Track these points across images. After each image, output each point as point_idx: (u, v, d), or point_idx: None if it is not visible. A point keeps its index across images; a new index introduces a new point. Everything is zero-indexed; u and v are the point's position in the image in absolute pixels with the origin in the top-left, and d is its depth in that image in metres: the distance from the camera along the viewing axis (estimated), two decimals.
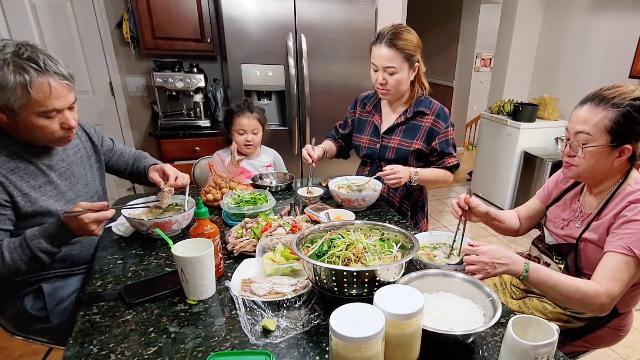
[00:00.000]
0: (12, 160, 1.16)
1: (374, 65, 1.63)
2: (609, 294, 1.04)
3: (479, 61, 5.83)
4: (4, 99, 1.05)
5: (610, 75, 3.40)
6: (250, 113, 1.98)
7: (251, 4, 2.51)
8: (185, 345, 0.88)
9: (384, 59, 1.58)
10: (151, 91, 3.15)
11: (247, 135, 1.99)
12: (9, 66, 1.03)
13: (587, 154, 1.11)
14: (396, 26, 1.59)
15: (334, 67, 2.84)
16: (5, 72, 1.03)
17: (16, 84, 1.03)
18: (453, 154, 1.72)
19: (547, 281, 1.06)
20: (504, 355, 0.82)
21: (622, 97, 1.07)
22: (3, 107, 1.07)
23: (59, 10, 2.80)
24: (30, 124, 1.10)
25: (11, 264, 1.08)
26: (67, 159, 1.32)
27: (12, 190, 1.14)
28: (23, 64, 1.04)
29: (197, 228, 1.11)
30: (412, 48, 1.58)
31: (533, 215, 1.47)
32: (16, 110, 1.07)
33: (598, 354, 2.16)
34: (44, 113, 1.10)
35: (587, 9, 3.58)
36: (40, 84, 1.06)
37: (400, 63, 1.58)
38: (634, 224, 1.06)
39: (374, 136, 1.80)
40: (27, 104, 1.06)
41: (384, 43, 1.56)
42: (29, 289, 1.28)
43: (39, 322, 1.29)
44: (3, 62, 1.03)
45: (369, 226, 1.15)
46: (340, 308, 0.76)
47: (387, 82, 1.62)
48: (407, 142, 1.72)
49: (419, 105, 1.71)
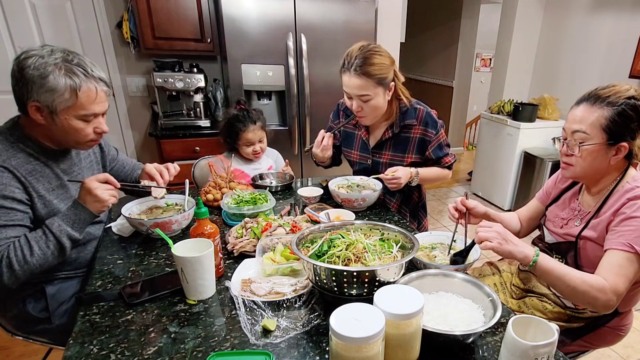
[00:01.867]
0: (29, 162, 1.17)
1: (346, 92, 1.55)
2: (614, 290, 1.04)
3: (479, 61, 5.83)
4: (48, 100, 1.09)
5: (610, 76, 3.40)
6: (254, 125, 1.95)
7: (251, 4, 2.51)
8: (185, 345, 0.88)
9: (355, 88, 1.49)
10: (151, 91, 3.15)
11: (254, 146, 1.98)
12: (60, 70, 1.09)
13: (584, 152, 1.12)
14: (364, 50, 1.48)
15: (334, 67, 2.79)
16: (56, 76, 1.08)
17: (66, 87, 1.09)
18: (448, 154, 1.70)
19: (555, 270, 1.06)
20: (504, 355, 0.82)
21: (617, 95, 1.08)
22: (44, 109, 1.11)
23: (59, 10, 2.80)
24: (67, 126, 1.15)
25: (40, 254, 1.10)
26: (79, 164, 1.34)
27: (30, 191, 1.16)
28: (73, 68, 1.10)
29: (197, 228, 1.11)
30: (384, 71, 1.49)
31: (534, 216, 1.47)
32: (58, 112, 1.11)
33: (598, 354, 2.16)
34: (85, 116, 1.15)
35: (587, 9, 3.58)
36: (88, 89, 1.13)
37: (374, 89, 1.49)
38: (634, 220, 1.07)
39: (364, 151, 1.75)
40: (71, 106, 1.12)
41: (353, 71, 1.46)
42: (31, 290, 1.27)
43: (40, 323, 1.29)
44: (54, 66, 1.08)
45: (369, 226, 1.15)
46: (340, 308, 0.76)
47: (363, 109, 1.55)
48: (399, 157, 1.68)
49: (404, 118, 1.63)
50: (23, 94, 1.10)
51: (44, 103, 1.10)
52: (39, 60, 1.08)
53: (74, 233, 1.15)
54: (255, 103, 2.86)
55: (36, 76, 1.07)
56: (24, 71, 1.07)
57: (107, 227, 1.41)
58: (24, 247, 1.09)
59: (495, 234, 1.05)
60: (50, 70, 1.08)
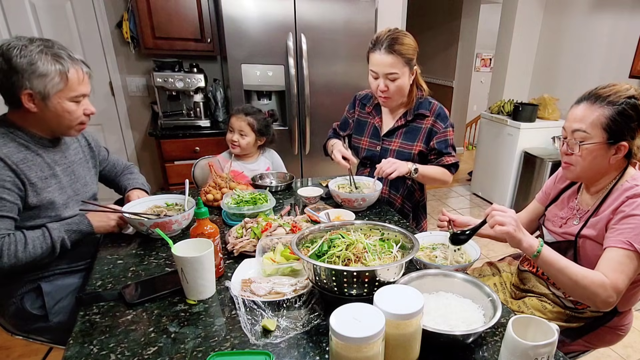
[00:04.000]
0: (20, 151, 1.20)
1: (373, 72, 1.59)
2: (614, 287, 1.04)
3: (479, 61, 5.83)
4: (40, 86, 1.13)
5: (610, 76, 3.40)
6: (243, 115, 1.99)
7: (251, 4, 2.51)
8: (185, 345, 0.88)
9: (385, 66, 1.54)
10: (151, 91, 3.15)
11: (234, 134, 2.00)
12: (47, 55, 1.12)
13: (584, 151, 1.12)
14: (393, 31, 1.56)
15: (334, 67, 2.84)
16: (44, 61, 1.12)
17: (56, 71, 1.14)
18: (452, 154, 1.70)
19: (558, 262, 1.06)
20: (504, 355, 0.82)
21: (617, 95, 1.09)
22: (36, 95, 1.14)
23: (59, 10, 2.80)
24: (60, 109, 1.19)
25: (32, 252, 1.17)
26: (70, 157, 1.36)
27: (23, 178, 1.18)
28: (58, 52, 1.15)
29: (197, 228, 1.11)
30: (411, 52, 1.56)
31: (534, 218, 1.47)
32: (50, 96, 1.16)
33: (598, 353, 2.16)
34: (75, 98, 1.20)
35: (587, 9, 3.58)
36: (75, 71, 1.18)
37: (402, 68, 1.56)
38: (633, 218, 1.07)
39: (375, 138, 1.78)
40: (62, 89, 1.17)
41: (384, 49, 1.52)
42: (28, 288, 1.28)
43: (38, 321, 1.30)
44: (40, 52, 1.11)
45: (369, 226, 1.15)
46: (340, 308, 0.76)
47: (389, 89, 1.59)
48: (409, 145, 1.71)
49: (419, 108, 1.70)
50: (14, 84, 1.11)
51: (36, 89, 1.13)
52: (22, 49, 1.10)
53: (67, 242, 1.23)
54: (255, 103, 2.86)
55: (25, 63, 1.09)
56: (12, 61, 1.09)
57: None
58: (19, 243, 1.14)
59: (511, 219, 1.04)
60: (37, 57, 1.11)
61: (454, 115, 6.15)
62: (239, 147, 2.02)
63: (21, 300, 1.28)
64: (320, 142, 1.93)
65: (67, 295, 1.32)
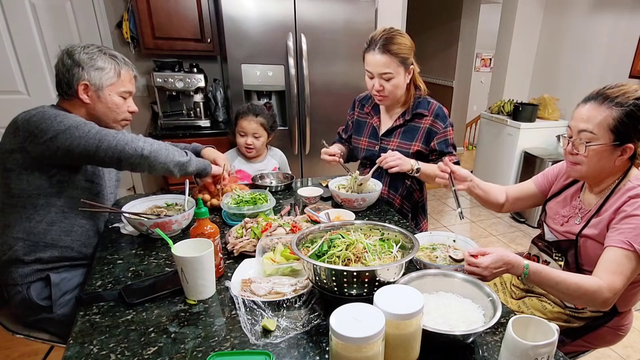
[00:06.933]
0: None
1: (368, 72, 1.60)
2: (611, 288, 1.04)
3: (479, 61, 5.83)
4: (97, 78, 1.30)
5: (610, 76, 3.40)
6: (254, 117, 1.97)
7: (251, 4, 2.51)
8: (185, 345, 0.88)
9: (379, 66, 1.55)
10: (151, 91, 3.14)
11: (247, 138, 1.98)
12: (105, 55, 1.33)
13: (590, 152, 1.12)
14: (388, 30, 1.56)
15: (334, 67, 2.84)
16: (103, 59, 1.32)
17: (111, 66, 1.33)
18: (453, 153, 1.70)
19: (548, 281, 1.07)
20: (504, 355, 0.82)
21: (625, 96, 1.07)
22: (91, 87, 1.30)
23: (59, 10, 2.80)
24: (110, 102, 1.35)
25: (171, 153, 1.34)
26: None
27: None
28: (113, 54, 1.35)
29: (197, 228, 1.11)
30: (406, 51, 1.56)
31: (523, 197, 1.47)
32: (104, 88, 1.32)
33: (598, 353, 2.16)
34: (123, 93, 1.38)
35: (587, 9, 3.58)
36: (126, 70, 1.38)
37: (396, 68, 1.56)
38: (634, 218, 1.07)
39: (373, 138, 1.79)
40: (114, 83, 1.34)
41: (378, 49, 1.53)
42: (36, 277, 1.30)
43: (43, 312, 1.31)
44: (99, 52, 1.32)
45: (369, 226, 1.15)
46: (340, 308, 0.76)
47: (384, 89, 1.60)
48: (407, 144, 1.71)
49: (417, 107, 1.69)
50: (73, 76, 1.28)
51: (92, 81, 1.30)
52: (84, 48, 1.30)
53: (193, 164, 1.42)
54: (254, 103, 2.85)
55: (87, 58, 1.29)
56: (74, 55, 1.28)
57: (113, 228, 1.41)
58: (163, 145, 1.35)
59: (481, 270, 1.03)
60: (97, 55, 1.31)
61: (454, 115, 6.15)
62: (254, 150, 2.01)
63: (27, 289, 1.29)
64: (320, 142, 1.93)
65: (74, 289, 1.33)
